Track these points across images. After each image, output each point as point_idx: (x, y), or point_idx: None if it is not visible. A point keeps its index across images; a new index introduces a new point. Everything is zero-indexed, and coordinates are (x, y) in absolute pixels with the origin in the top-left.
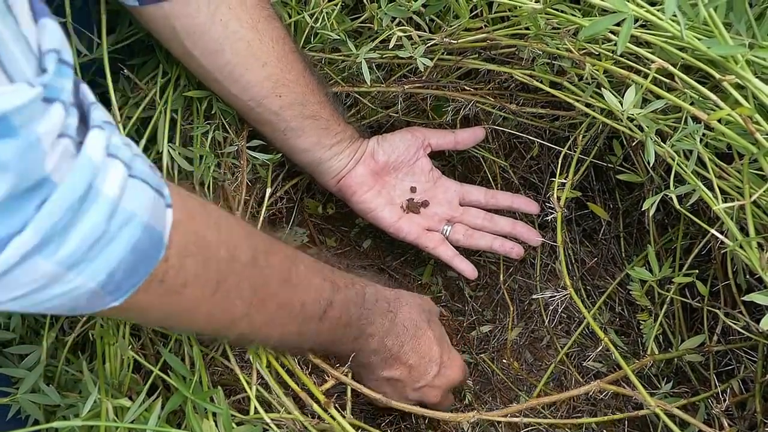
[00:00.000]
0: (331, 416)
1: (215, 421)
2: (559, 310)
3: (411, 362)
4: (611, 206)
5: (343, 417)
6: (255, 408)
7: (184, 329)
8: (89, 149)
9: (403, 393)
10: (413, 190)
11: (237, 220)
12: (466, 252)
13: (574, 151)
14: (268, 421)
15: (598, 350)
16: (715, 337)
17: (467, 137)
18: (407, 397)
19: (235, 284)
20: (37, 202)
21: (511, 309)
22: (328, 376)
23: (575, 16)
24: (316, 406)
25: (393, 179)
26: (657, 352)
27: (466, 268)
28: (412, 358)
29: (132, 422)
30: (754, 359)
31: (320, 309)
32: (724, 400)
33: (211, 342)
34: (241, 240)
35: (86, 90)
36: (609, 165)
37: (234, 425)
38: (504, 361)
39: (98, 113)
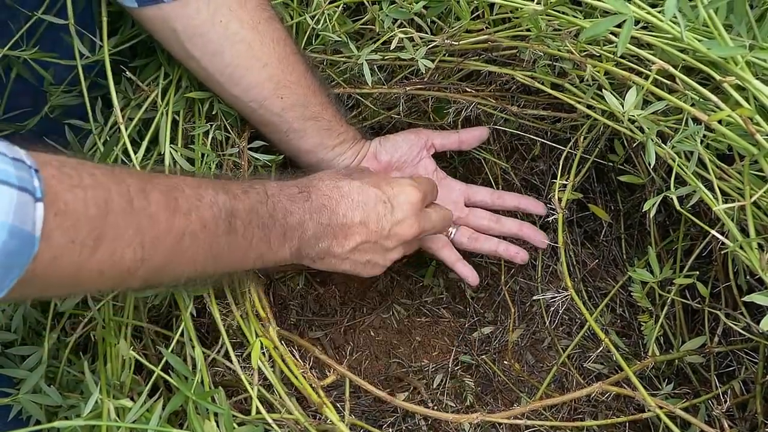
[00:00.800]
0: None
1: (217, 422)
2: (560, 312)
3: (358, 219)
4: (612, 208)
5: (342, 420)
6: (257, 408)
7: (82, 292)
8: None
9: (383, 252)
10: None
11: (109, 171)
12: (468, 252)
13: (576, 153)
14: (270, 421)
15: (598, 351)
16: (716, 339)
17: (471, 137)
18: (389, 250)
19: (116, 235)
20: None
21: (513, 310)
22: (330, 371)
23: (576, 17)
24: (317, 406)
25: None
26: (658, 354)
27: (469, 274)
28: (357, 214)
29: (133, 422)
30: (755, 360)
31: (224, 222)
32: (725, 401)
33: (212, 343)
34: (109, 191)
35: None
36: (610, 163)
37: (235, 425)
38: (505, 362)
39: None
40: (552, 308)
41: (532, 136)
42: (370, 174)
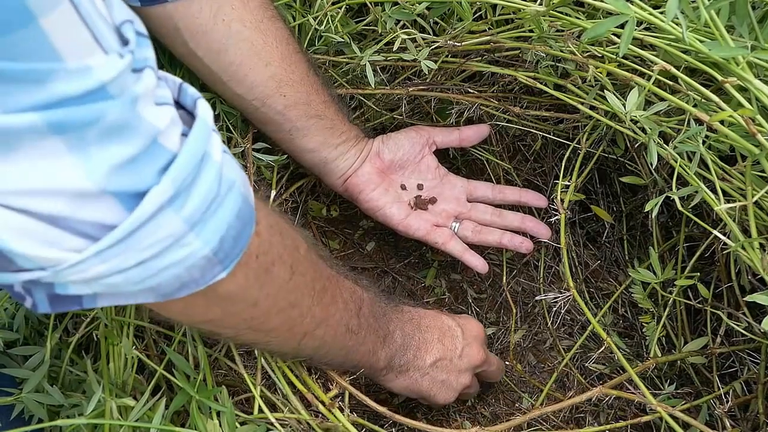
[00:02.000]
0: (335, 416)
1: (219, 421)
2: (562, 312)
3: (436, 336)
4: (615, 209)
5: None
6: (259, 407)
7: (254, 324)
8: (203, 113)
9: (456, 373)
10: (420, 187)
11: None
12: (473, 247)
13: (578, 154)
14: (273, 420)
15: (600, 350)
16: (718, 339)
17: (472, 134)
18: (461, 372)
19: (302, 272)
20: (162, 161)
21: (514, 311)
22: (332, 384)
23: (579, 18)
24: (320, 406)
25: (399, 177)
26: (660, 355)
27: (478, 262)
28: (434, 333)
29: (136, 421)
30: (757, 361)
31: (356, 305)
32: (727, 402)
33: (214, 342)
34: (294, 232)
35: (165, 74)
36: (613, 157)
37: (237, 425)
38: (507, 363)
39: (191, 89)
40: (554, 309)
41: (535, 132)
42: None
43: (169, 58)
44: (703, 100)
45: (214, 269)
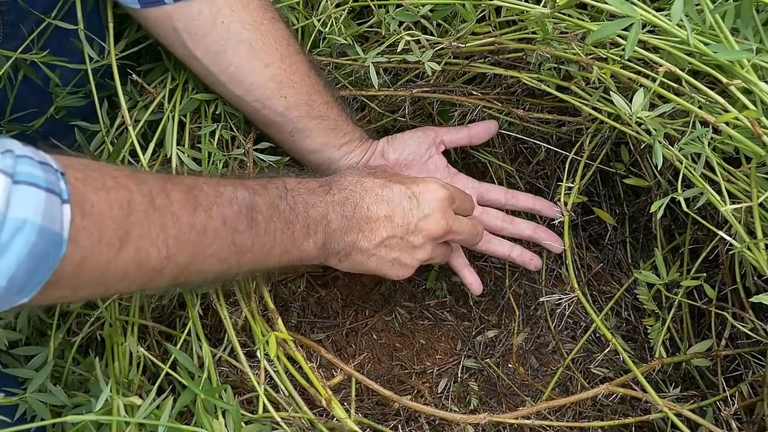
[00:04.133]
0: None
1: (224, 420)
2: (566, 315)
3: (383, 213)
4: (617, 212)
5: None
6: (264, 406)
7: (109, 294)
8: None
9: (410, 249)
10: None
11: (129, 173)
12: (472, 255)
13: (581, 156)
14: (278, 419)
15: (604, 352)
16: (723, 342)
17: (481, 131)
18: (417, 248)
19: (141, 234)
20: None
21: (517, 314)
22: (336, 371)
23: (583, 20)
24: (324, 401)
25: None
26: (665, 356)
27: (473, 281)
28: (381, 208)
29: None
30: (763, 363)
31: (245, 217)
32: (733, 404)
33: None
34: (132, 191)
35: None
36: (615, 171)
37: (243, 424)
38: (510, 366)
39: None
40: (557, 312)
41: (537, 141)
42: (393, 173)
43: (174, 62)
44: (708, 102)
45: (13, 298)
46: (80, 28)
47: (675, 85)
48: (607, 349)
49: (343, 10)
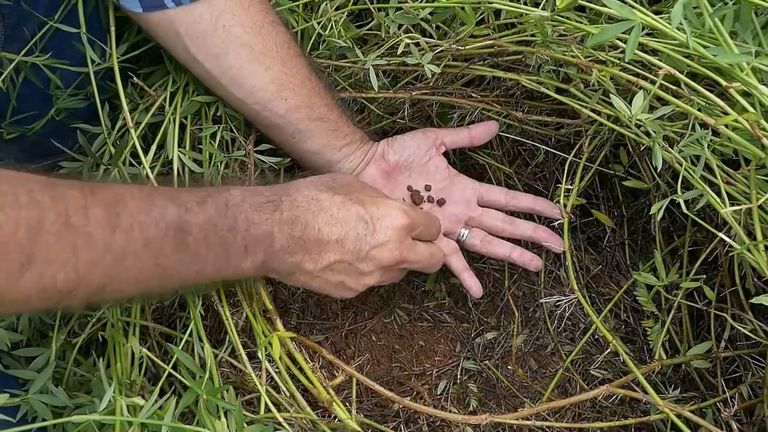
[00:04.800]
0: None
1: (227, 421)
2: (565, 317)
3: (335, 236)
4: (616, 214)
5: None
6: (266, 407)
7: (17, 314)
8: None
9: (357, 276)
10: (428, 188)
11: (49, 187)
12: (470, 257)
13: (580, 158)
14: (281, 419)
15: (604, 354)
16: (723, 344)
17: (482, 132)
18: (365, 274)
19: (47, 258)
20: None
21: (516, 316)
22: (338, 371)
23: (582, 23)
24: (327, 405)
25: (405, 178)
26: (664, 358)
27: (473, 285)
28: (334, 230)
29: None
30: (762, 365)
31: (172, 239)
32: (733, 405)
33: (219, 342)
34: (45, 209)
35: None
36: (614, 173)
37: (245, 424)
38: (509, 367)
39: None
40: (555, 314)
41: (536, 143)
42: (356, 189)
43: (175, 65)
44: (707, 105)
45: None
46: (82, 31)
47: (674, 88)
48: (607, 351)
49: (343, 13)
